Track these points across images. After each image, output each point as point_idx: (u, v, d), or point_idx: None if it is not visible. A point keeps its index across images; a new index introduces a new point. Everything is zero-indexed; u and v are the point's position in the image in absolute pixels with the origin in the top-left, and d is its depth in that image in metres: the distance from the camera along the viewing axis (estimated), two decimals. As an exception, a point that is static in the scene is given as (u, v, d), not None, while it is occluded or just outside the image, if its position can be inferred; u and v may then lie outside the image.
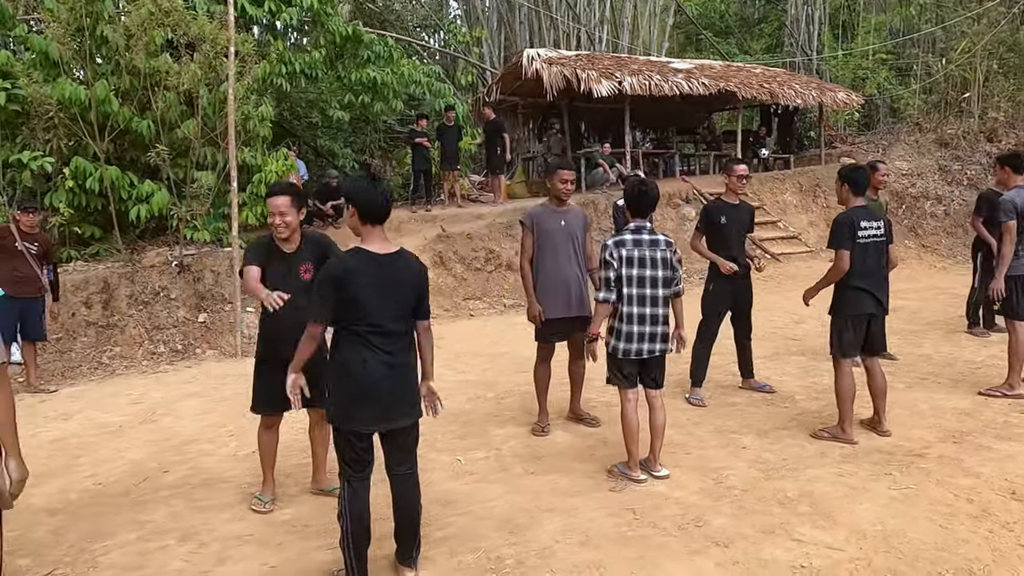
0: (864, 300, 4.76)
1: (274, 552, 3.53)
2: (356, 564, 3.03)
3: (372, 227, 3.06)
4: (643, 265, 4.19)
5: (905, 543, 3.32)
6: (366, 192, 3.06)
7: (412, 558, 3.21)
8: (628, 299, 4.17)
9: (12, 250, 6.88)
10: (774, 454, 4.55)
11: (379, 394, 3.03)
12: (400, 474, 3.20)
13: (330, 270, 3.02)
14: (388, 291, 3.03)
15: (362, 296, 2.97)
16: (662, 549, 3.37)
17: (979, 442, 4.62)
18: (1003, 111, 16.62)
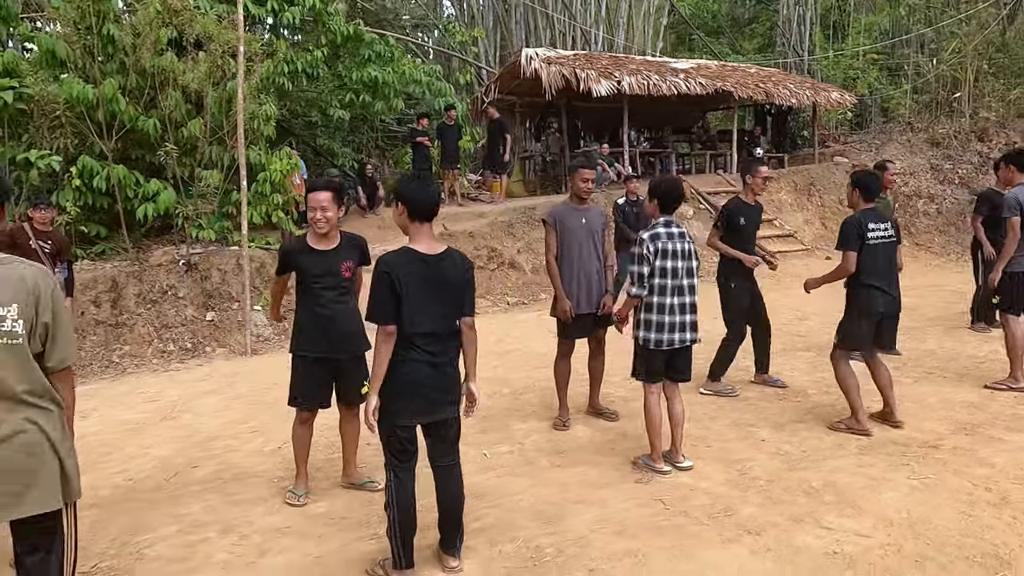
0: (877, 299, 4.88)
1: (315, 543, 3.60)
2: (403, 552, 3.11)
3: (420, 225, 3.12)
4: (675, 257, 4.29)
5: (931, 530, 3.44)
6: (416, 190, 3.12)
7: (456, 547, 3.28)
8: (660, 290, 4.27)
9: (26, 248, 6.85)
10: (793, 446, 4.66)
11: (422, 389, 3.10)
12: (443, 465, 3.28)
13: (380, 270, 3.07)
14: (433, 292, 3.08)
15: (407, 296, 3.03)
16: (696, 537, 3.47)
17: (990, 434, 4.75)
18: (995, 111, 16.84)
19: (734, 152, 16.39)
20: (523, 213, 12.69)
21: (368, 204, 13.11)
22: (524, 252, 12.03)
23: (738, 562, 3.22)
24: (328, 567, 3.38)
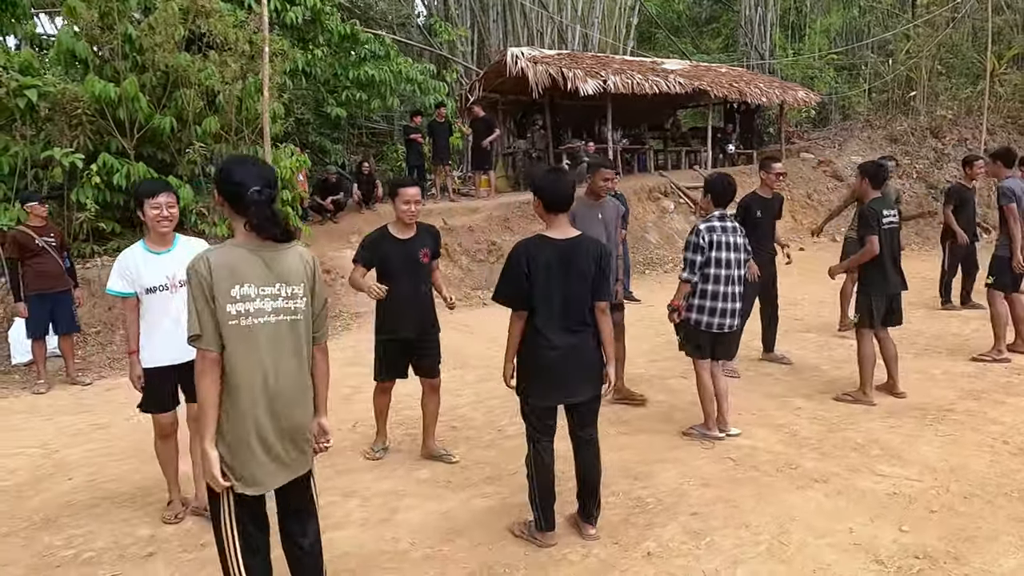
0: (893, 279, 5.50)
1: (436, 502, 4.03)
2: (544, 516, 3.49)
3: (556, 215, 3.47)
4: (728, 249, 4.81)
5: (969, 474, 4.04)
6: (554, 183, 3.46)
7: (593, 516, 3.59)
8: (714, 278, 4.78)
9: (36, 250, 6.96)
10: (827, 412, 5.25)
11: (561, 372, 3.42)
12: (583, 439, 3.58)
13: (513, 255, 3.46)
14: (566, 276, 3.40)
15: (537, 281, 3.37)
16: (771, 487, 4.01)
17: (994, 398, 5.41)
18: (951, 109, 17.88)
19: (709, 149, 17.12)
20: (517, 208, 13.16)
21: (365, 200, 13.39)
22: (521, 245, 12.48)
23: (815, 504, 3.77)
24: (456, 519, 3.81)
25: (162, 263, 3.67)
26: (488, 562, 3.32)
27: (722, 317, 4.80)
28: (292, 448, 2.58)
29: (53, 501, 4.26)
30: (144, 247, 3.69)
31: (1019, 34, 19.78)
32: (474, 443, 4.98)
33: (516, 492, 4.09)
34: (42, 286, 6.89)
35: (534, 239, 3.47)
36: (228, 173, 2.52)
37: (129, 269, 3.63)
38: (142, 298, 3.66)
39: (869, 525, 3.51)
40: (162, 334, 3.68)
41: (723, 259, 4.80)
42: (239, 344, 2.45)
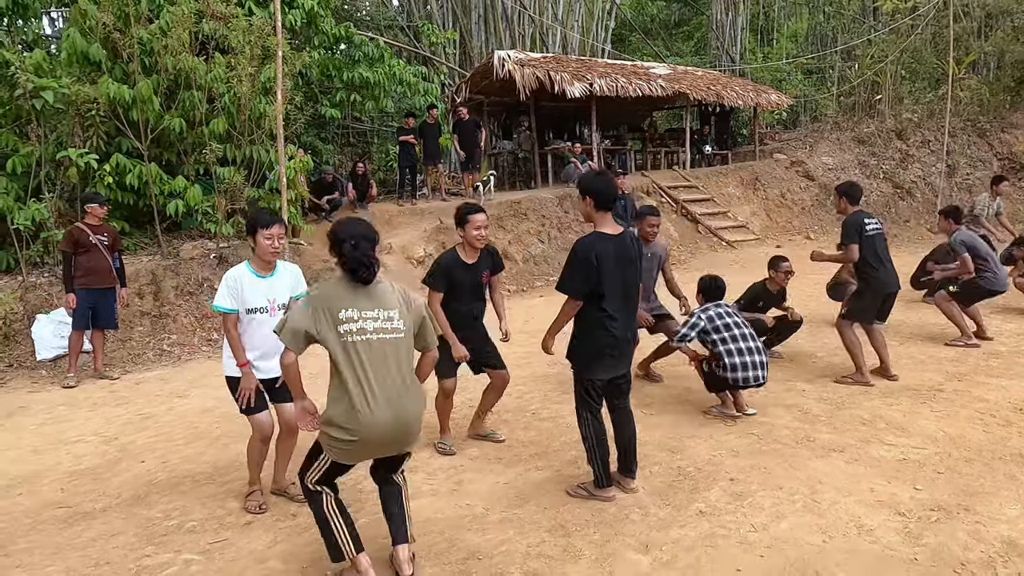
0: (891, 280, 6.07)
1: (495, 475, 4.43)
2: (603, 472, 3.97)
3: (605, 213, 3.94)
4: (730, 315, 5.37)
5: (967, 442, 4.57)
6: (602, 184, 3.92)
7: (632, 471, 4.12)
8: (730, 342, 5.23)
9: (89, 246, 7.30)
10: (830, 393, 5.76)
11: (614, 351, 3.93)
12: (621, 407, 4.12)
13: (580, 250, 3.87)
14: (622, 266, 3.88)
15: (605, 271, 3.82)
16: (796, 456, 4.49)
17: (976, 380, 5.98)
18: (915, 112, 18.73)
19: (688, 149, 17.72)
20: (509, 207, 13.57)
21: (359, 199, 13.68)
22: (515, 244, 12.92)
23: (838, 469, 4.26)
24: (518, 488, 4.22)
25: (264, 286, 3.96)
26: (560, 522, 3.74)
27: (752, 370, 5.14)
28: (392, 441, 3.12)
29: (134, 481, 4.57)
30: (250, 269, 3.96)
31: (976, 40, 20.75)
32: (513, 425, 5.39)
33: (566, 465, 4.52)
34: (89, 281, 7.18)
35: (594, 236, 3.89)
36: (335, 230, 3.14)
37: (236, 288, 3.91)
38: (242, 317, 3.93)
39: (887, 485, 4.00)
40: (259, 348, 3.98)
41: (731, 323, 5.31)
42: (346, 354, 3.03)
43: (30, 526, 3.96)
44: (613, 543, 3.50)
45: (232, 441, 5.23)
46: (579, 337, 3.99)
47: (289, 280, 4.09)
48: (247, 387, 3.95)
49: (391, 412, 3.03)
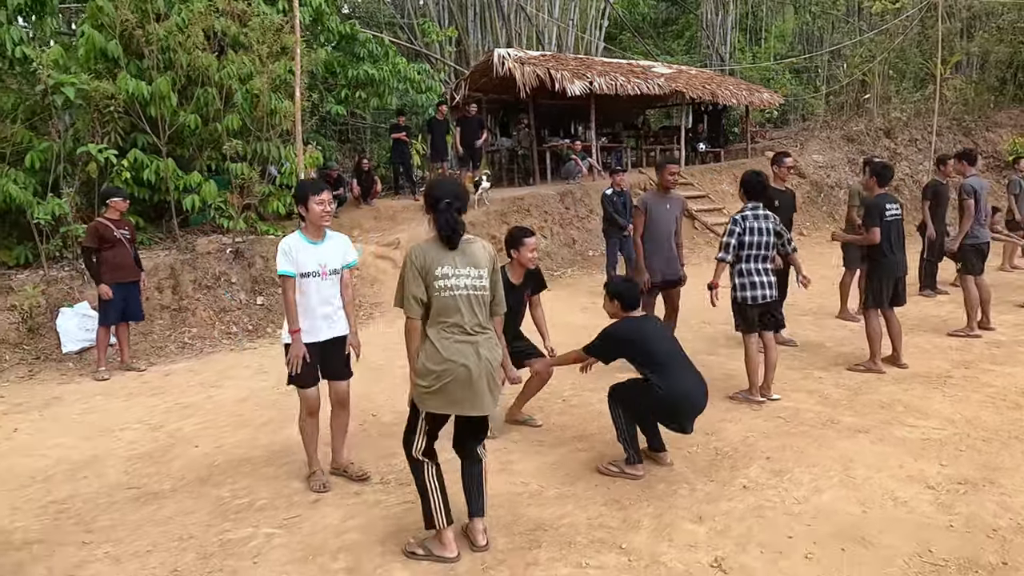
0: (899, 264, 6.36)
1: (541, 457, 4.66)
2: (635, 451, 4.28)
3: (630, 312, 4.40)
4: (759, 233, 5.58)
5: (982, 423, 4.87)
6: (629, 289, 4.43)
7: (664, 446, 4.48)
8: (746, 258, 5.54)
9: (113, 240, 7.41)
10: (846, 380, 6.05)
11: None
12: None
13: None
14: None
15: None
16: (823, 437, 4.76)
17: (982, 367, 6.30)
18: (904, 112, 19.16)
19: (682, 147, 18.02)
20: (512, 203, 13.78)
21: (363, 196, 13.85)
22: (519, 239, 13.12)
23: (865, 448, 4.53)
24: (566, 467, 4.45)
25: (316, 252, 4.18)
26: (614, 497, 3.98)
27: (759, 289, 5.54)
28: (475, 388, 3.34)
29: (194, 464, 4.75)
30: (302, 236, 4.19)
31: (960, 41, 21.24)
32: (547, 411, 5.61)
33: (606, 447, 4.75)
34: (117, 276, 7.28)
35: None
36: (431, 190, 3.35)
37: (291, 254, 4.13)
38: (297, 281, 4.16)
39: (914, 463, 4.28)
40: (310, 315, 4.20)
41: (755, 242, 5.56)
42: (443, 307, 3.30)
43: (106, 506, 4.14)
44: (668, 515, 3.74)
45: (279, 427, 5.42)
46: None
47: (339, 247, 4.31)
48: (296, 353, 4.14)
49: (479, 360, 3.33)
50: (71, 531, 3.80)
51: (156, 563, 3.44)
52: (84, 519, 3.96)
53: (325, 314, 4.19)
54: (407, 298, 3.29)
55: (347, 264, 4.31)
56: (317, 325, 4.18)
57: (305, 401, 4.27)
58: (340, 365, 4.32)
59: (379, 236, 13.00)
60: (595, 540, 3.51)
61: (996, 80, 21.06)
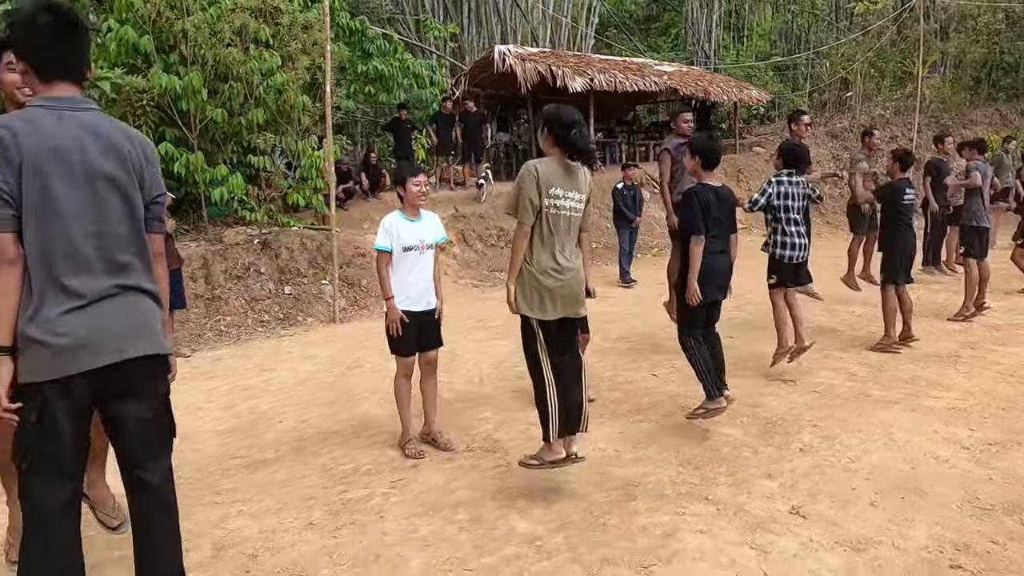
0: (911, 243, 6.95)
1: (608, 427, 5.06)
2: (713, 383, 4.78)
3: (709, 171, 4.85)
4: (793, 198, 6.07)
5: (999, 394, 5.41)
6: (709, 145, 4.87)
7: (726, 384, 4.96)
8: (785, 221, 6.02)
9: None
10: (866, 359, 6.57)
11: (717, 276, 4.86)
12: (713, 332, 5.01)
13: (692, 198, 4.73)
14: (722, 210, 4.81)
15: (709, 214, 4.73)
16: (860, 408, 5.26)
17: (987, 347, 6.86)
18: (887, 109, 19.88)
19: (675, 142, 18.51)
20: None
21: (372, 188, 14.16)
22: (526, 231, 13.53)
23: (900, 416, 5.03)
24: (634, 435, 4.88)
25: (415, 228, 4.58)
26: (687, 459, 4.43)
27: (795, 250, 6.06)
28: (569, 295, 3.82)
29: (285, 437, 5.10)
30: (402, 215, 4.58)
31: (937, 41, 22.06)
32: (598, 388, 5.99)
33: (663, 418, 5.21)
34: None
35: (700, 187, 4.84)
36: (559, 116, 3.75)
37: (392, 230, 4.52)
38: (398, 255, 4.53)
39: (946, 428, 4.79)
40: (409, 286, 4.59)
41: (791, 206, 6.05)
42: (547, 223, 3.73)
43: (220, 472, 4.48)
44: (740, 473, 4.20)
45: (350, 405, 5.79)
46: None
47: (433, 225, 4.74)
48: (393, 318, 4.53)
49: (573, 270, 3.82)
50: (199, 494, 4.14)
51: (291, 518, 3.81)
52: (207, 484, 4.30)
53: (423, 286, 4.60)
54: (523, 205, 3.73)
55: (439, 240, 4.70)
56: (415, 296, 4.56)
57: (403, 366, 4.66)
58: (433, 335, 4.70)
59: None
60: (682, 493, 3.95)
61: (971, 79, 21.92)
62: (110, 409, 2.38)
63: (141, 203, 2.37)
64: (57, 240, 2.18)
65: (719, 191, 4.87)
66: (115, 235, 2.29)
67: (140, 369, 2.33)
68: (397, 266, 4.57)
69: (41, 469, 2.26)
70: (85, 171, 2.22)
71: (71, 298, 2.20)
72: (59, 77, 2.26)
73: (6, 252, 2.14)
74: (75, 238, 2.21)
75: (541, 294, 3.75)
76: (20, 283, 2.17)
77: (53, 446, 2.24)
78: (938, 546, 3.32)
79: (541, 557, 3.32)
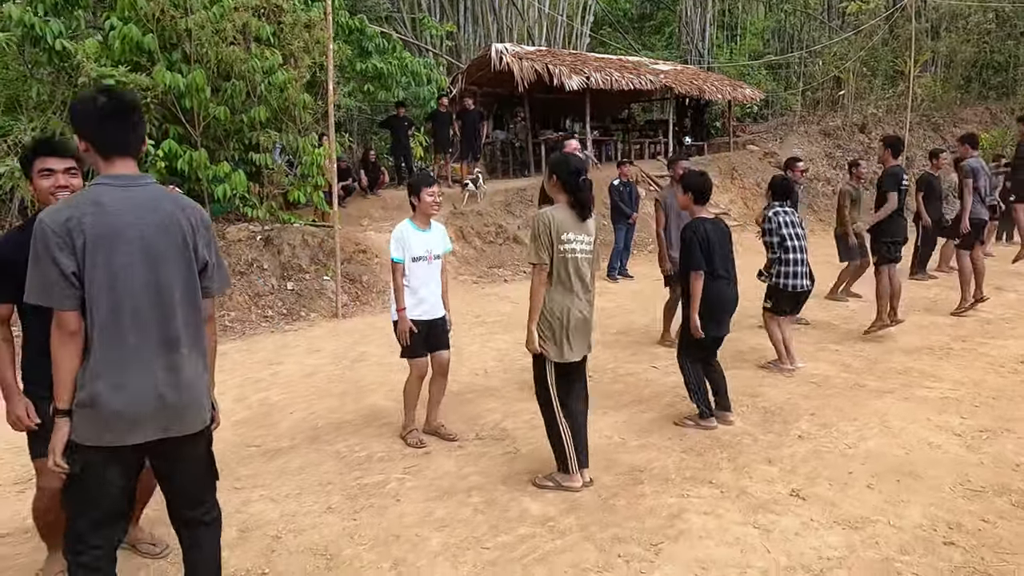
0: (904, 226, 7.18)
1: (611, 417, 5.23)
2: (707, 406, 4.92)
3: (701, 206, 4.99)
4: (793, 226, 6.22)
5: (989, 385, 5.59)
6: (700, 181, 4.98)
7: (730, 408, 5.06)
8: (791, 249, 6.17)
9: None
10: (860, 352, 6.75)
11: (727, 305, 4.96)
12: (716, 365, 5.12)
13: (691, 234, 4.81)
14: (721, 242, 4.93)
15: (714, 246, 4.85)
16: (855, 397, 5.43)
17: (978, 340, 7.05)
18: (879, 108, 20.11)
19: (670, 140, 18.73)
20: (516, 194, 14.36)
21: (370, 186, 14.28)
22: (524, 228, 13.67)
23: (893, 405, 5.21)
24: (637, 425, 5.04)
25: (424, 239, 4.69)
26: (690, 445, 4.59)
27: (797, 279, 6.18)
28: (585, 334, 3.97)
29: (298, 427, 5.24)
30: (412, 225, 4.69)
31: (928, 41, 22.29)
32: (601, 381, 6.15)
33: (664, 408, 5.38)
34: None
35: (699, 221, 4.93)
36: (567, 164, 3.89)
37: (402, 240, 4.63)
38: (408, 265, 4.66)
39: (938, 416, 4.96)
40: (419, 295, 4.70)
41: (792, 235, 6.20)
42: (562, 267, 3.88)
43: (239, 460, 4.61)
44: (741, 459, 4.36)
45: (359, 396, 5.93)
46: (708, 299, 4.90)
47: (440, 237, 4.85)
48: (403, 329, 4.64)
49: (588, 310, 3.97)
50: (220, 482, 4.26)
51: (310, 502, 3.95)
52: (226, 471, 4.38)
53: (431, 294, 4.70)
54: (539, 250, 3.87)
55: (445, 250, 4.82)
56: (426, 304, 4.68)
57: (416, 368, 4.77)
58: (443, 339, 4.82)
59: (390, 225, 13.41)
60: (687, 478, 4.11)
61: (962, 79, 22.17)
62: (158, 466, 2.56)
63: (196, 271, 2.51)
64: (117, 314, 2.33)
65: (715, 223, 4.99)
66: (171, 305, 2.43)
67: (186, 440, 2.49)
68: (407, 276, 4.67)
69: (88, 518, 2.42)
70: (145, 246, 2.37)
71: (124, 371, 2.35)
72: (118, 155, 2.42)
73: (69, 327, 2.30)
74: (134, 311, 2.36)
75: (560, 337, 3.87)
76: (80, 354, 2.34)
77: (103, 498, 2.42)
78: (932, 525, 3.49)
79: (554, 536, 3.48)
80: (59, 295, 2.27)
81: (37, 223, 2.28)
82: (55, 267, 2.25)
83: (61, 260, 2.25)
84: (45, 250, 2.26)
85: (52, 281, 2.26)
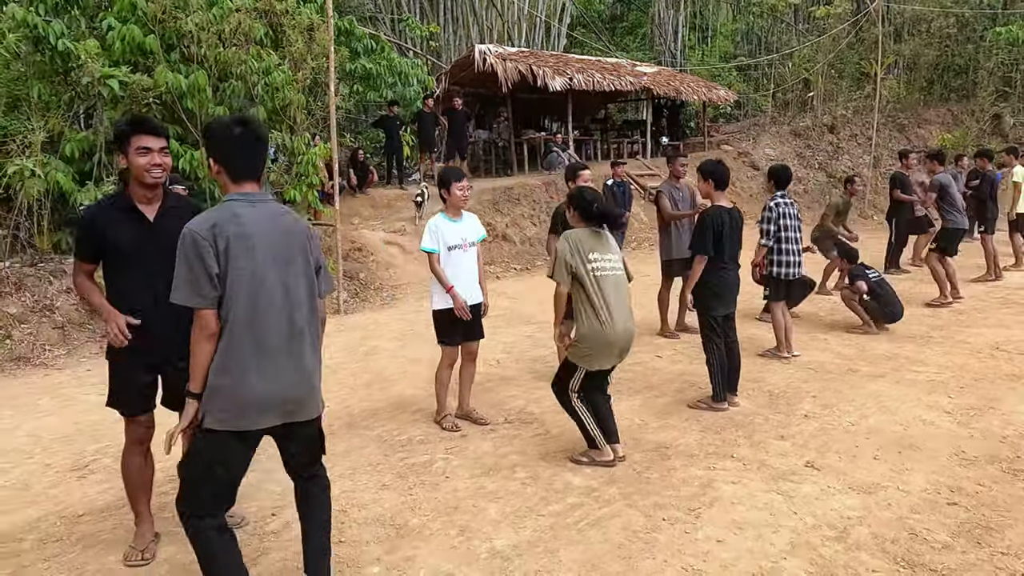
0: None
1: (624, 402, 5.58)
2: (722, 389, 5.28)
3: (721, 192, 5.35)
4: (790, 218, 6.64)
5: (971, 368, 6.07)
6: (719, 168, 5.35)
7: (735, 390, 5.46)
8: (784, 239, 6.59)
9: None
10: (849, 341, 7.21)
11: (733, 294, 5.31)
12: (733, 340, 5.44)
13: (708, 221, 5.16)
14: (733, 231, 5.30)
15: (726, 233, 5.20)
16: (851, 381, 5.86)
17: (954, 330, 7.55)
18: (847, 109, 20.80)
19: (647, 140, 19.21)
20: (503, 192, 14.67)
21: (359, 185, 14.50)
22: (512, 227, 14.03)
23: (887, 388, 5.65)
24: (653, 408, 5.40)
25: (457, 228, 5.00)
26: (707, 425, 4.97)
27: (790, 268, 6.61)
28: (624, 348, 4.28)
29: (334, 414, 5.48)
30: (444, 216, 5.00)
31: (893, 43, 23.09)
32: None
33: (675, 394, 5.75)
34: None
35: (720, 209, 5.23)
36: (582, 196, 4.34)
37: (436, 231, 4.93)
38: (444, 254, 4.94)
39: (928, 397, 5.41)
40: (457, 282, 4.99)
41: (788, 225, 6.62)
42: (593, 284, 4.16)
43: (285, 444, 4.87)
44: (756, 436, 4.75)
45: (385, 386, 6.21)
46: (709, 282, 5.27)
47: (474, 225, 5.16)
48: (460, 304, 4.89)
49: (623, 325, 4.23)
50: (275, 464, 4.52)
51: (363, 481, 4.24)
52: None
53: (468, 281, 5.01)
54: (559, 269, 4.19)
55: (479, 238, 5.13)
56: (463, 291, 4.98)
57: (448, 355, 5.07)
58: (476, 327, 5.13)
59: (379, 224, 13.68)
60: (710, 453, 4.49)
61: (925, 81, 22.99)
62: (279, 440, 2.90)
63: (314, 273, 2.85)
64: (253, 310, 2.64)
65: (732, 212, 5.36)
66: (298, 302, 2.76)
67: (304, 423, 2.84)
68: (444, 265, 4.97)
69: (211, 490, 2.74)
70: (275, 252, 2.70)
71: (258, 362, 2.65)
72: (246, 178, 2.75)
73: (209, 328, 2.61)
74: (267, 307, 2.67)
75: (594, 351, 4.19)
76: (215, 347, 2.64)
77: (226, 474, 2.74)
78: (935, 489, 3.91)
79: (601, 505, 3.82)
80: (205, 295, 2.58)
81: (186, 231, 2.60)
82: (203, 270, 2.56)
83: (208, 262, 2.56)
84: (195, 254, 2.57)
85: (200, 283, 2.57)
